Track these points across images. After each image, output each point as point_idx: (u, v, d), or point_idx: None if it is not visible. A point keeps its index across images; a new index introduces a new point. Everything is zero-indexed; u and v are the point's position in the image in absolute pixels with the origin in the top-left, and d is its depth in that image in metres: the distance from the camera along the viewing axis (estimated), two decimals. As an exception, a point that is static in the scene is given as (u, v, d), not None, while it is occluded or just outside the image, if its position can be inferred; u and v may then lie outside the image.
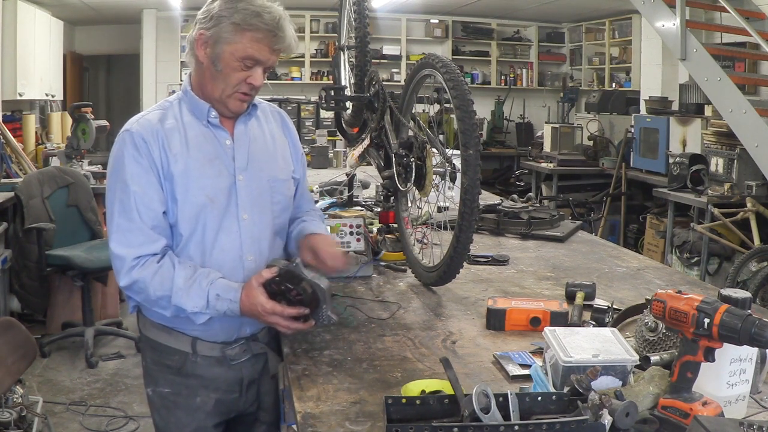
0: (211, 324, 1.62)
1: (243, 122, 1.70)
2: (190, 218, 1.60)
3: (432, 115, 2.42)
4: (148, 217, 1.56)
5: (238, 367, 1.71)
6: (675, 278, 2.32)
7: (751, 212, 4.57)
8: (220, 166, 1.63)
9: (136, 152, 1.57)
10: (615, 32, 8.39)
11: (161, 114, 1.64)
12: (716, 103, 4.45)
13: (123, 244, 1.55)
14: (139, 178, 1.56)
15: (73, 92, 8.74)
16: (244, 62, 1.57)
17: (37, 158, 5.76)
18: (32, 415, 2.97)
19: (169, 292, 1.53)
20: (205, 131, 1.64)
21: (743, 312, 1.14)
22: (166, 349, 1.69)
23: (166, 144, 1.59)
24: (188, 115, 1.65)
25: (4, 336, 2.46)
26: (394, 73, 9.02)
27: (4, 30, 5.79)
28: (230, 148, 1.66)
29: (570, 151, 7.22)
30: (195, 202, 1.59)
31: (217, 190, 1.62)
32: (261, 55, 1.57)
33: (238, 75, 1.58)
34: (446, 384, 1.27)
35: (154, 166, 1.57)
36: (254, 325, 1.70)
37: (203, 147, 1.62)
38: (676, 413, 1.18)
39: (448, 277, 1.97)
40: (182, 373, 1.69)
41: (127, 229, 1.55)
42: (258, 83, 1.60)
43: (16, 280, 4.31)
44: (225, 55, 1.57)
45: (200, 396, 1.70)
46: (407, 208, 2.36)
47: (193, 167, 1.60)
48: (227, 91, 1.60)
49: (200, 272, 1.56)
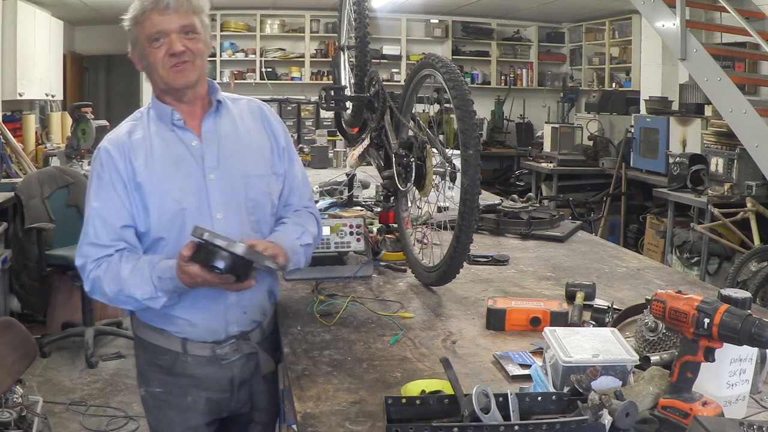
0: (196, 325, 1.65)
1: (210, 120, 1.70)
2: (166, 224, 1.61)
3: (432, 115, 2.42)
4: (104, 233, 1.59)
5: (229, 366, 1.71)
6: (675, 278, 2.32)
7: (751, 212, 4.57)
8: (188, 168, 1.64)
9: (101, 168, 1.62)
10: (615, 32, 8.39)
11: (131, 126, 1.68)
12: (716, 103, 4.45)
13: (82, 256, 1.60)
14: (99, 192, 1.61)
15: (73, 92, 8.74)
16: (153, 41, 1.59)
17: (37, 158, 5.76)
18: (32, 415, 2.97)
19: (121, 286, 1.55)
20: (170, 135, 1.66)
21: (743, 312, 1.14)
22: (157, 348, 1.70)
23: (132, 156, 1.62)
24: (155, 123, 1.67)
25: (4, 336, 2.46)
26: (394, 73, 9.02)
27: (4, 30, 5.79)
28: (198, 149, 1.66)
29: (570, 151, 7.22)
30: (166, 207, 1.61)
31: (185, 192, 1.62)
32: (157, 27, 1.58)
33: (157, 53, 1.59)
34: (446, 384, 1.27)
35: (119, 180, 1.61)
36: (241, 324, 1.70)
37: (169, 151, 1.64)
38: (676, 413, 1.18)
39: (448, 277, 1.97)
40: (173, 372, 1.70)
41: (86, 242, 1.60)
42: (177, 47, 1.58)
43: (16, 280, 4.31)
44: (142, 49, 1.62)
45: (191, 395, 1.71)
46: (407, 208, 2.36)
47: (158, 173, 1.61)
48: (161, 72, 1.61)
49: (143, 260, 1.58)
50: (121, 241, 1.60)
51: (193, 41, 1.61)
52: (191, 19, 1.60)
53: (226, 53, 8.66)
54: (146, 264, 1.57)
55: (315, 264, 2.16)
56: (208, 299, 1.64)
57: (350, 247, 2.18)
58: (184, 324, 1.66)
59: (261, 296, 1.75)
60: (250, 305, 1.71)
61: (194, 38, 1.61)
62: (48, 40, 6.84)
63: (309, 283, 2.12)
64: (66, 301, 4.61)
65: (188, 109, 1.68)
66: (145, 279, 1.55)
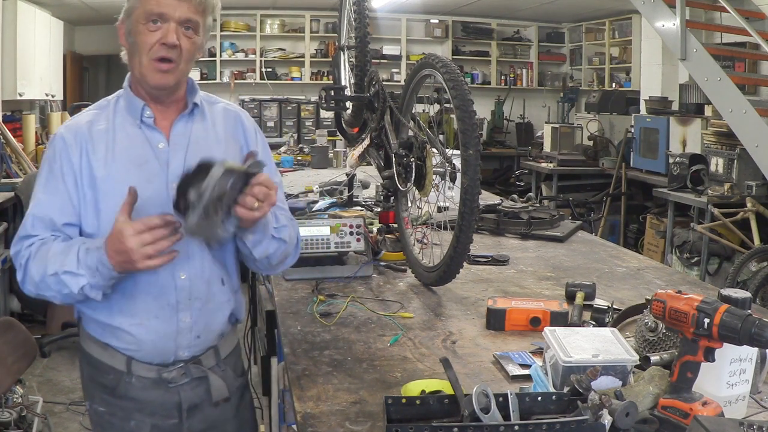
0: (143, 343, 1.50)
1: (182, 123, 1.54)
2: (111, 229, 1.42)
3: (432, 115, 2.42)
4: (41, 227, 1.45)
5: (176, 390, 1.54)
6: (675, 278, 2.32)
7: (751, 212, 4.57)
8: (150, 172, 1.48)
9: (53, 156, 1.48)
10: (615, 32, 8.39)
11: (94, 115, 1.53)
12: (716, 103, 4.45)
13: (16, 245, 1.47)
14: (47, 183, 1.47)
15: (73, 92, 8.74)
16: (150, 21, 1.44)
17: (37, 158, 5.75)
18: (32, 415, 2.97)
19: (45, 264, 1.39)
20: (136, 133, 1.50)
21: (743, 312, 1.14)
22: (101, 365, 1.55)
23: (89, 148, 1.47)
24: (122, 115, 1.52)
25: (4, 336, 2.46)
26: (394, 73, 9.02)
27: (4, 30, 5.79)
28: (164, 152, 1.50)
29: (570, 151, 7.22)
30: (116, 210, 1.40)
31: (145, 199, 1.42)
32: (162, 8, 1.43)
33: (148, 38, 1.44)
34: (446, 384, 1.27)
35: (70, 173, 1.46)
36: (193, 350, 1.54)
37: (131, 151, 1.49)
38: (676, 413, 1.18)
39: (448, 277, 1.97)
40: (116, 394, 1.55)
41: (22, 234, 1.47)
42: (171, 39, 1.43)
43: (16, 280, 4.31)
44: (134, 25, 1.46)
45: (135, 420, 1.55)
46: (407, 208, 2.36)
47: (117, 173, 1.46)
48: (144, 61, 1.45)
49: (78, 239, 1.44)
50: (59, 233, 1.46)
51: (190, 40, 1.48)
52: (198, 15, 1.47)
53: (226, 53, 8.66)
54: (80, 240, 1.43)
55: (315, 264, 2.17)
56: (159, 319, 1.49)
57: (350, 247, 2.18)
58: (130, 340, 1.50)
59: (220, 320, 1.58)
60: (205, 330, 1.54)
61: (192, 37, 1.48)
62: (48, 40, 6.84)
63: (309, 283, 2.12)
64: (66, 301, 4.60)
65: (161, 108, 1.54)
66: (71, 252, 1.38)
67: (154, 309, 1.48)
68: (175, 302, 1.49)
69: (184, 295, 1.49)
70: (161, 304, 1.48)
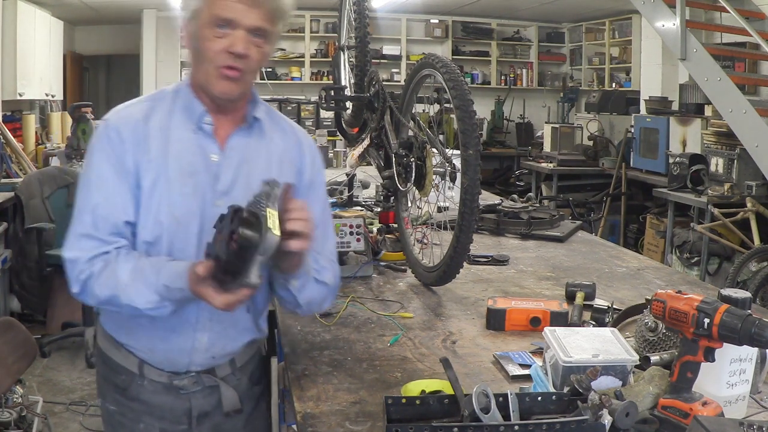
0: (156, 352, 1.47)
1: (239, 136, 1.45)
2: (151, 237, 1.39)
3: (432, 115, 2.42)
4: (105, 226, 1.37)
5: (187, 397, 1.51)
6: (675, 278, 2.32)
7: (751, 212, 4.57)
8: (197, 184, 1.40)
9: (110, 150, 1.38)
10: (615, 32, 8.39)
11: (149, 107, 1.43)
12: (716, 103, 4.45)
13: (75, 249, 1.37)
14: (106, 182, 1.37)
15: (73, 92, 8.74)
16: (217, 26, 1.34)
17: (37, 158, 5.76)
18: (32, 415, 2.97)
19: (116, 291, 1.33)
20: (191, 138, 1.42)
21: (743, 312, 1.14)
22: (115, 365, 1.52)
23: (144, 146, 1.39)
24: (179, 115, 1.43)
25: (4, 336, 2.46)
26: (394, 73, 9.02)
27: (4, 30, 5.79)
28: (215, 165, 1.42)
29: (570, 151, 7.22)
30: (159, 219, 1.38)
31: (188, 211, 1.38)
32: (231, 13, 1.33)
33: (214, 45, 1.34)
34: (446, 384, 1.27)
35: (126, 171, 1.38)
36: (206, 365, 1.51)
37: (183, 157, 1.40)
38: (676, 413, 1.18)
39: (448, 277, 1.97)
40: (127, 395, 1.53)
41: (81, 232, 1.37)
42: (239, 48, 1.34)
43: (16, 280, 4.32)
44: (200, 28, 1.36)
45: (144, 422, 1.53)
46: (407, 208, 2.36)
47: (164, 179, 1.38)
48: (209, 68, 1.37)
49: (143, 261, 1.35)
50: (121, 239, 1.38)
51: (258, 49, 1.37)
52: (268, 23, 1.37)
53: (226, 53, 8.65)
54: (149, 267, 1.33)
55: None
56: (176, 333, 1.45)
57: (350, 247, 2.18)
58: (144, 346, 1.48)
59: (238, 345, 1.53)
60: (221, 352, 1.50)
61: (261, 46, 1.38)
62: (48, 40, 6.84)
63: (309, 283, 2.11)
64: (66, 301, 4.60)
65: (220, 116, 1.45)
66: (149, 286, 1.32)
67: (173, 323, 1.43)
68: (195, 321, 1.44)
69: (204, 315, 1.44)
70: (181, 319, 1.43)
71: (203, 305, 1.40)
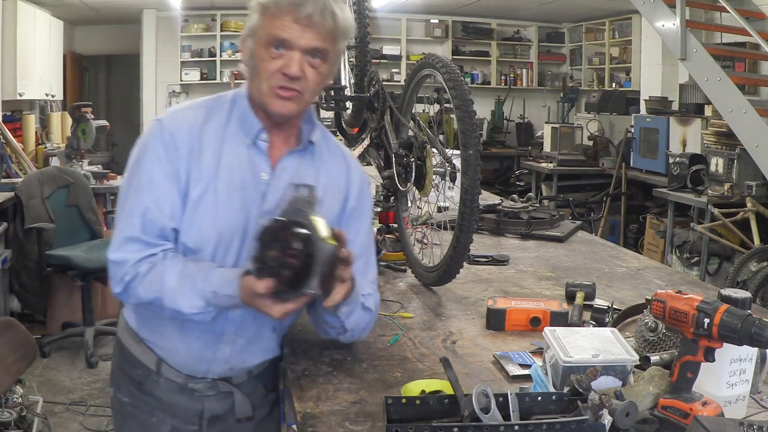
0: (176, 355, 1.49)
1: (291, 158, 1.45)
2: (193, 246, 1.39)
3: (432, 115, 2.42)
4: (153, 233, 1.37)
5: (201, 399, 1.53)
6: (675, 278, 2.32)
7: (751, 212, 4.57)
8: (245, 200, 1.39)
9: (164, 154, 1.37)
10: (615, 32, 8.39)
11: (205, 114, 1.42)
12: (716, 103, 4.45)
13: (122, 251, 1.37)
14: (157, 187, 1.36)
15: (73, 92, 8.74)
16: (273, 47, 1.33)
17: (37, 158, 5.76)
18: (32, 415, 2.97)
19: (160, 294, 1.34)
20: (244, 153, 1.41)
21: (743, 312, 1.14)
22: (132, 358, 1.54)
23: (196, 154, 1.37)
24: (234, 127, 1.42)
25: (4, 336, 2.46)
26: (394, 73, 9.02)
27: (4, 30, 5.79)
28: (264, 184, 1.41)
29: (570, 151, 7.22)
30: (202, 231, 1.38)
31: (233, 227, 1.38)
32: (285, 33, 1.32)
33: (270, 65, 1.34)
34: (446, 384, 1.27)
35: (176, 177, 1.37)
36: (223, 374, 1.52)
37: (234, 171, 1.39)
38: (676, 413, 1.18)
39: (448, 277, 1.97)
40: (142, 389, 1.54)
41: (129, 235, 1.37)
42: (293, 71, 1.32)
43: (16, 280, 4.32)
44: (257, 47, 1.36)
45: (156, 417, 1.55)
46: (407, 208, 2.36)
47: (212, 191, 1.38)
48: (264, 87, 1.36)
49: (190, 266, 1.35)
50: (167, 242, 1.38)
51: (315, 70, 1.36)
52: (326, 43, 1.35)
53: (226, 53, 8.66)
54: (197, 272, 1.33)
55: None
56: (199, 341, 1.46)
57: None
58: (165, 346, 1.49)
59: (257, 361, 1.55)
60: (240, 365, 1.52)
61: (318, 66, 1.36)
62: (48, 40, 6.84)
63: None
64: (66, 301, 4.61)
65: (275, 133, 1.44)
66: (197, 291, 1.32)
67: (198, 331, 1.44)
68: (221, 333, 1.45)
69: (230, 329, 1.45)
70: (206, 328, 1.44)
71: (232, 318, 1.43)
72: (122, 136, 10.13)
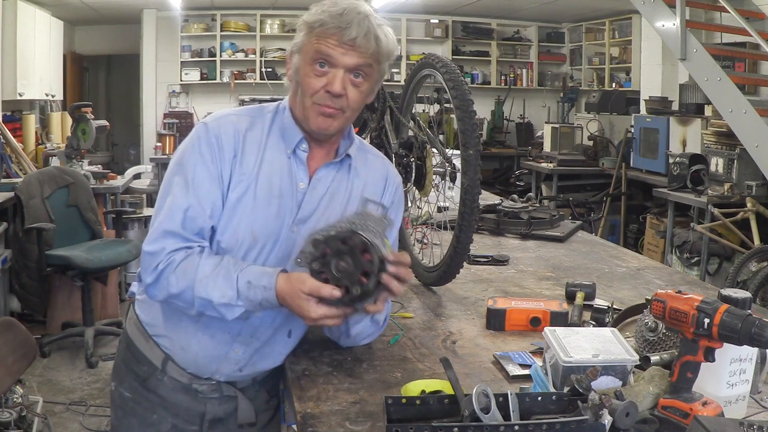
0: (186, 352, 1.50)
1: (328, 169, 1.49)
2: (226, 247, 1.42)
3: (432, 115, 2.42)
4: (192, 230, 1.40)
5: (204, 400, 1.55)
6: (675, 278, 2.32)
7: (751, 212, 4.58)
8: (281, 207, 1.43)
9: (208, 155, 1.40)
10: (615, 32, 8.39)
11: (249, 122, 1.46)
12: (716, 103, 4.45)
13: (158, 242, 1.39)
14: (201, 186, 1.40)
15: (73, 92, 8.74)
16: (316, 63, 1.38)
17: (37, 158, 5.76)
18: (32, 415, 2.97)
19: (192, 283, 1.34)
20: (284, 161, 1.45)
21: (743, 312, 1.14)
22: (139, 355, 1.56)
23: (239, 158, 1.41)
24: (276, 137, 1.46)
25: (4, 336, 2.46)
26: (394, 73, 9.02)
27: (4, 30, 5.80)
28: (300, 193, 1.46)
29: (570, 151, 7.22)
30: (237, 233, 1.41)
31: (267, 232, 1.42)
32: (329, 50, 1.36)
33: (313, 82, 1.38)
34: (446, 384, 1.27)
35: (220, 178, 1.40)
36: (231, 377, 1.54)
37: (273, 178, 1.43)
38: (676, 413, 1.18)
39: (448, 277, 1.97)
40: (146, 386, 1.56)
41: (167, 228, 1.39)
42: (337, 88, 1.37)
43: (16, 280, 4.32)
44: (300, 62, 1.41)
45: (157, 414, 1.56)
46: (407, 208, 2.36)
47: (251, 195, 1.41)
48: (307, 103, 1.41)
49: (228, 259, 1.38)
50: (205, 241, 1.41)
51: (357, 88, 1.41)
52: (369, 62, 1.40)
53: (226, 53, 8.66)
54: (233, 264, 1.36)
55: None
56: (214, 339, 1.48)
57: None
58: (175, 343, 1.51)
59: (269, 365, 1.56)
60: (250, 368, 1.54)
61: (360, 84, 1.41)
62: (48, 40, 6.84)
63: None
64: (66, 301, 4.61)
65: (314, 145, 1.48)
66: (230, 281, 1.33)
67: (213, 329, 1.47)
68: (237, 333, 1.47)
69: (247, 331, 1.48)
70: (222, 327, 1.46)
71: (252, 320, 1.45)
72: (122, 136, 10.16)
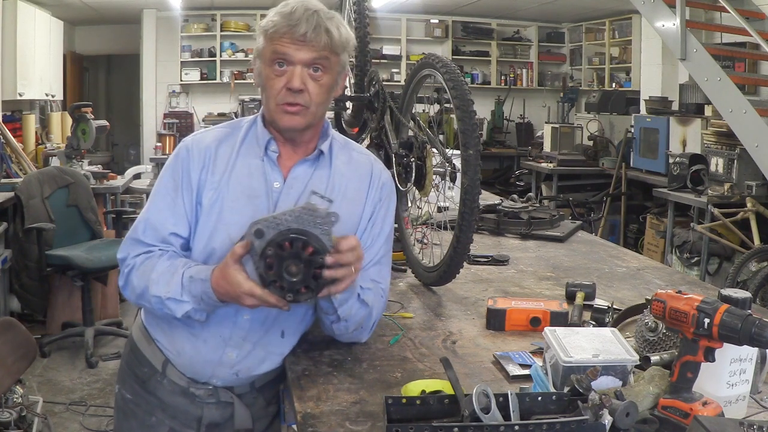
0: (182, 356, 1.53)
1: (303, 167, 1.51)
2: (204, 252, 1.47)
3: (432, 115, 2.42)
4: (152, 237, 1.48)
5: (201, 405, 1.57)
6: (675, 278, 2.32)
7: (751, 212, 4.58)
8: (257, 208, 1.46)
9: (178, 167, 1.49)
10: (615, 32, 8.39)
11: (224, 134, 1.53)
12: (716, 103, 4.45)
13: (125, 250, 1.50)
14: (164, 197, 1.49)
15: (73, 92, 8.74)
16: (275, 63, 1.42)
17: (37, 158, 5.76)
18: (32, 415, 2.97)
19: (148, 282, 1.42)
20: (257, 165, 1.49)
21: (743, 312, 1.14)
22: (141, 357, 1.60)
23: (210, 167, 1.48)
24: (249, 144, 1.51)
25: (4, 336, 2.46)
26: (394, 73, 9.02)
27: (4, 30, 5.80)
28: (276, 192, 1.48)
29: (570, 151, 7.22)
30: (213, 236, 1.46)
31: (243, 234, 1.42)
32: (284, 48, 1.40)
33: (275, 82, 1.43)
34: (446, 384, 1.27)
35: (188, 187, 1.47)
36: (227, 382, 1.55)
37: (247, 181, 1.48)
38: (676, 413, 1.18)
39: (448, 277, 1.97)
40: (146, 387, 1.59)
41: (133, 236, 1.49)
42: (296, 84, 1.40)
43: (16, 280, 4.32)
44: (262, 66, 1.46)
45: (156, 417, 1.59)
46: (407, 208, 2.36)
47: (224, 199, 1.46)
48: (271, 105, 1.45)
49: (181, 260, 1.45)
50: (168, 245, 1.48)
51: (317, 82, 1.43)
52: (324, 54, 1.42)
53: (226, 53, 8.66)
54: (182, 263, 1.43)
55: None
56: (207, 344, 1.50)
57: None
58: (173, 347, 1.54)
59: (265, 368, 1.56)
60: (246, 372, 1.54)
61: (320, 78, 1.43)
62: (48, 40, 6.84)
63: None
64: (66, 301, 4.61)
65: (289, 147, 1.52)
66: (176, 277, 1.40)
67: (206, 333, 1.50)
68: (228, 337, 1.50)
69: (239, 334, 1.50)
70: (214, 332, 1.49)
71: (240, 323, 1.49)
72: (122, 136, 10.16)
